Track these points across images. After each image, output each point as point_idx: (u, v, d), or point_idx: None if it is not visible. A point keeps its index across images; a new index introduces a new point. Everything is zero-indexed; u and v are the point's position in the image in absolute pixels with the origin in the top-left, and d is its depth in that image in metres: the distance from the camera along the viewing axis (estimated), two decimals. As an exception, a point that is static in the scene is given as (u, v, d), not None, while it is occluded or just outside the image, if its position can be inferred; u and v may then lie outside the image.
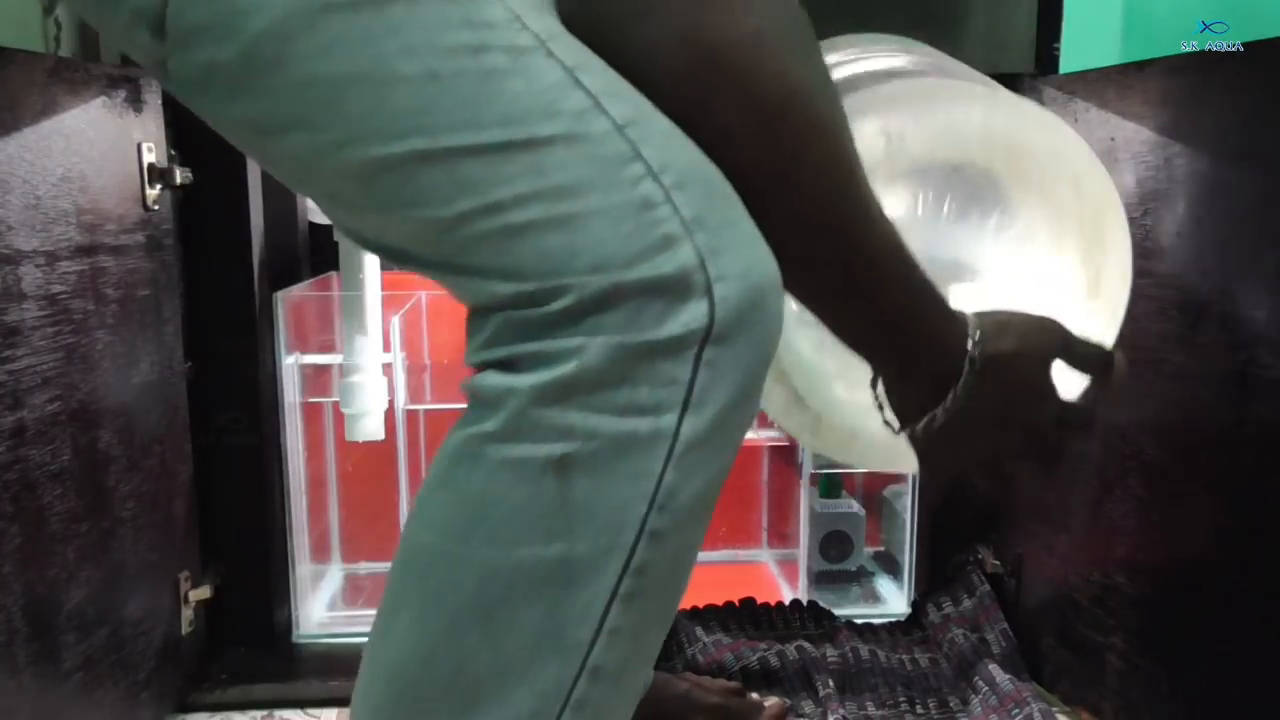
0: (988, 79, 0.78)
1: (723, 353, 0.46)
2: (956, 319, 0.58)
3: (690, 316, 0.46)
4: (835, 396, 0.72)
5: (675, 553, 0.49)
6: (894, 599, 1.33)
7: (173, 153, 1.00)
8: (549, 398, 0.46)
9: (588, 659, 0.47)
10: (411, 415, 1.29)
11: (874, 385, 0.61)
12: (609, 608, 0.47)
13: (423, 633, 0.49)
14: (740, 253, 0.47)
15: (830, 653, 1.08)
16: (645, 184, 0.46)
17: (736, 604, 1.22)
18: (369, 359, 1.18)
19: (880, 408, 0.61)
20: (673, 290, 0.46)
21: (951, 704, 1.02)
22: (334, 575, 1.37)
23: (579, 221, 0.45)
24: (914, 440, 0.60)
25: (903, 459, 0.66)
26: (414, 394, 1.29)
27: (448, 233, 0.47)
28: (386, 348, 1.20)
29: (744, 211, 0.49)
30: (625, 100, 0.47)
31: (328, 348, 1.23)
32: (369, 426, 1.19)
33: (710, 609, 1.21)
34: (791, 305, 0.57)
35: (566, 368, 0.45)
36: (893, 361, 0.59)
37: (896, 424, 0.61)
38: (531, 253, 0.45)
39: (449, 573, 0.48)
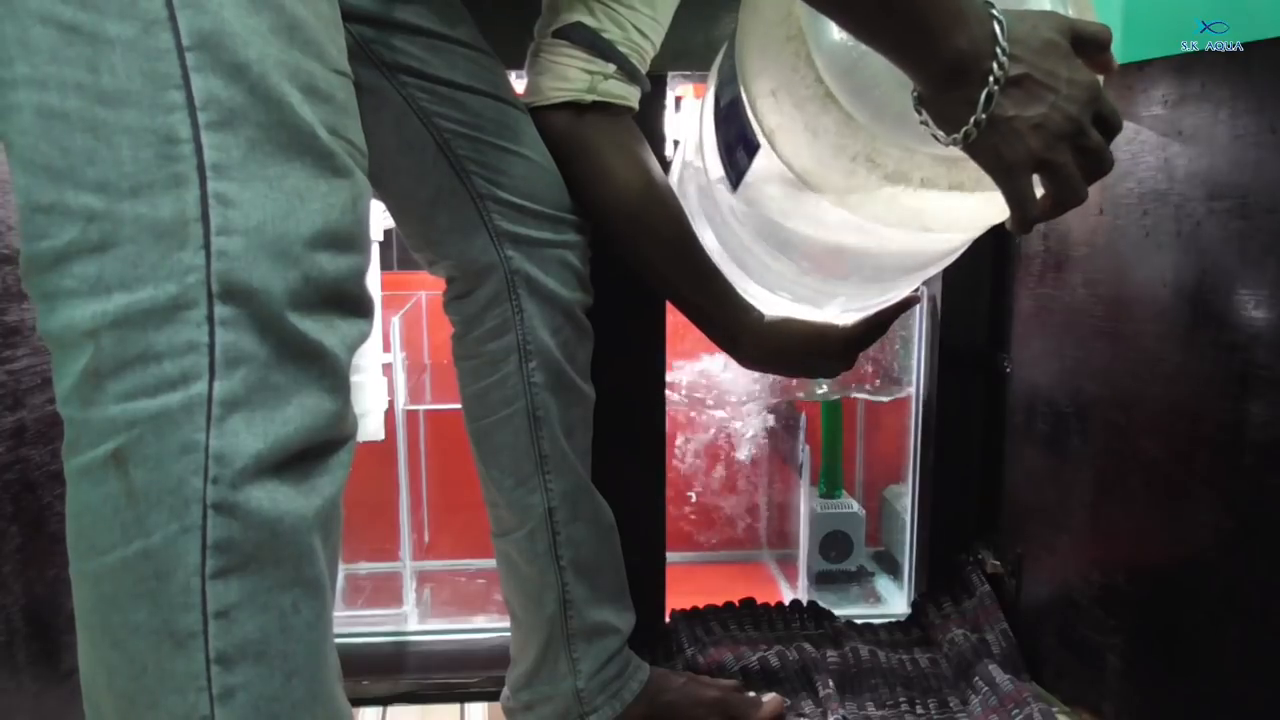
0: None
1: (239, 311, 0.45)
2: (977, 16, 0.59)
3: (185, 269, 0.44)
4: (883, 96, 0.71)
5: (262, 521, 0.46)
6: (894, 599, 1.33)
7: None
8: (84, 396, 0.45)
9: (208, 648, 0.46)
10: (411, 415, 1.29)
11: (917, 104, 0.63)
12: (204, 591, 0.45)
13: (83, 656, 0.49)
14: (263, 206, 0.45)
15: (830, 653, 1.08)
16: (177, 115, 0.44)
17: (736, 604, 1.22)
18: (369, 359, 1.18)
19: (925, 123, 0.63)
20: (170, 235, 0.44)
21: (951, 704, 1.02)
22: (334, 575, 1.37)
23: (106, 130, 0.44)
24: (967, 144, 0.61)
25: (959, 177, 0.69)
26: (414, 394, 1.29)
27: None
28: (386, 348, 1.20)
29: (301, 166, 0.47)
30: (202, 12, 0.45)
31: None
32: (369, 426, 1.19)
33: (710, 609, 1.21)
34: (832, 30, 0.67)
35: (84, 359, 0.45)
36: (927, 67, 0.60)
37: (944, 134, 0.62)
38: (57, 145, 0.44)
39: (77, 592, 0.48)
